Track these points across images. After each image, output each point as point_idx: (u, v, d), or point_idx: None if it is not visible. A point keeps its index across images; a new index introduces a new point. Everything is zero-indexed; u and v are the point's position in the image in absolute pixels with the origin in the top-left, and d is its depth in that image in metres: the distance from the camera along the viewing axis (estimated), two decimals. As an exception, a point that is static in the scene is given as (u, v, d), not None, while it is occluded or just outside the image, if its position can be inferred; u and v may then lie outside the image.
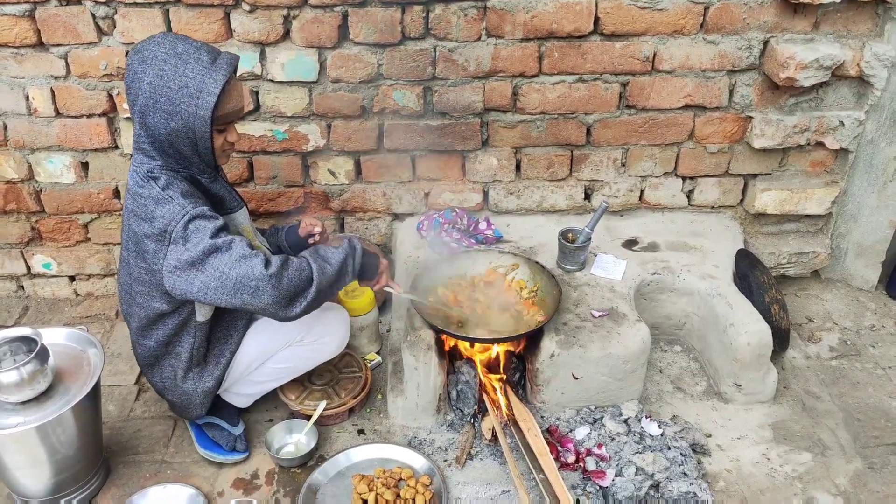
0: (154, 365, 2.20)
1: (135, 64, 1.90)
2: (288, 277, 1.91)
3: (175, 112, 1.88)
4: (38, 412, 1.95)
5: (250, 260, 1.88)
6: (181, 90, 1.87)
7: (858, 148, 2.75)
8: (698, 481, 2.15)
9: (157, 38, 1.93)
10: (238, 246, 1.90)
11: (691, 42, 2.57)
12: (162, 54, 1.88)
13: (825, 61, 2.48)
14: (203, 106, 1.88)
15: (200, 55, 1.90)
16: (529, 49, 2.56)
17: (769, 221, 2.94)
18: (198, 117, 1.89)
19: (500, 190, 2.88)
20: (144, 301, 2.06)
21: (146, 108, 1.90)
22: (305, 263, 1.97)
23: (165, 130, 1.91)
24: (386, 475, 2.20)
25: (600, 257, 2.68)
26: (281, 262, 1.92)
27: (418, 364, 2.31)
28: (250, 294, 1.88)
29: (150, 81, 1.87)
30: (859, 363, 2.68)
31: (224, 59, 1.93)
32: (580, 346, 2.31)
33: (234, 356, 2.21)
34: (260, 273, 1.87)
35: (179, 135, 1.92)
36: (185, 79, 1.87)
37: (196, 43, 1.93)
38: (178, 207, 1.90)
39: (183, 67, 1.87)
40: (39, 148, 2.68)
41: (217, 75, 1.89)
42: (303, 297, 1.95)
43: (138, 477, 2.27)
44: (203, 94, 1.88)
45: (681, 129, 2.75)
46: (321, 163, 2.77)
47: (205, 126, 1.90)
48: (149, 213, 1.92)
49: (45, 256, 2.93)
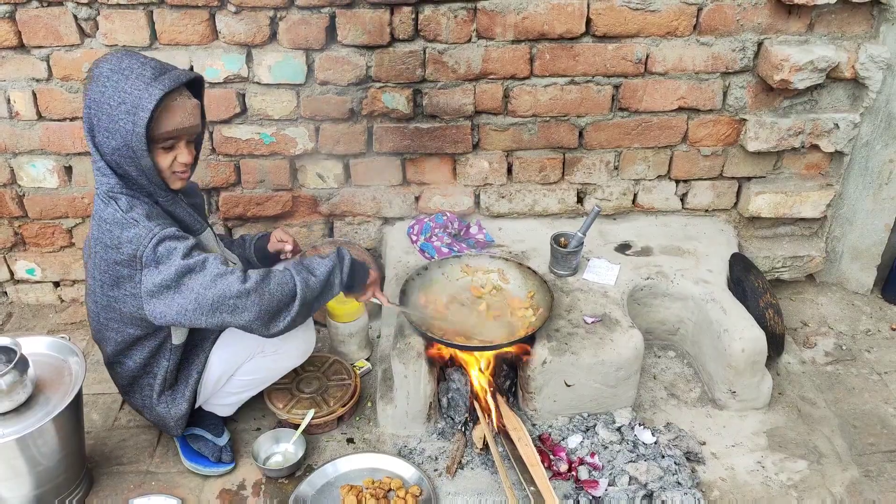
0: (132, 385, 2.16)
1: (86, 81, 1.85)
2: (269, 292, 1.85)
3: (114, 129, 1.81)
4: (18, 423, 1.91)
5: (226, 277, 1.82)
6: (119, 106, 1.80)
7: (853, 151, 2.72)
8: (692, 491, 2.12)
9: (108, 55, 1.87)
10: (212, 264, 1.84)
11: (684, 44, 2.54)
12: (106, 70, 1.82)
13: (820, 63, 2.45)
14: (138, 122, 1.79)
15: (144, 70, 1.82)
16: (521, 51, 2.52)
17: (763, 225, 2.91)
18: (134, 134, 1.80)
19: (492, 193, 2.84)
20: (119, 327, 2.01)
21: (91, 126, 1.85)
22: (288, 276, 1.91)
23: (108, 149, 1.85)
24: (375, 485, 2.16)
25: (593, 262, 2.64)
26: (261, 276, 1.86)
27: (408, 372, 2.27)
28: (230, 313, 1.82)
29: (92, 98, 1.82)
30: (855, 368, 2.66)
31: (171, 76, 1.84)
32: (572, 352, 2.28)
33: (202, 374, 2.16)
34: (238, 290, 1.81)
35: (121, 154, 1.84)
36: (124, 94, 1.80)
37: (149, 61, 1.86)
38: (145, 230, 1.83)
39: (123, 83, 1.80)
40: (22, 152, 2.63)
41: (154, 90, 1.79)
42: (286, 312, 1.90)
43: (122, 488, 2.22)
44: (139, 109, 1.79)
45: (674, 132, 2.72)
46: (309, 166, 2.73)
47: (140, 143, 1.81)
48: (115, 240, 1.85)
49: (28, 262, 2.88)
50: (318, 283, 1.95)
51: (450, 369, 2.42)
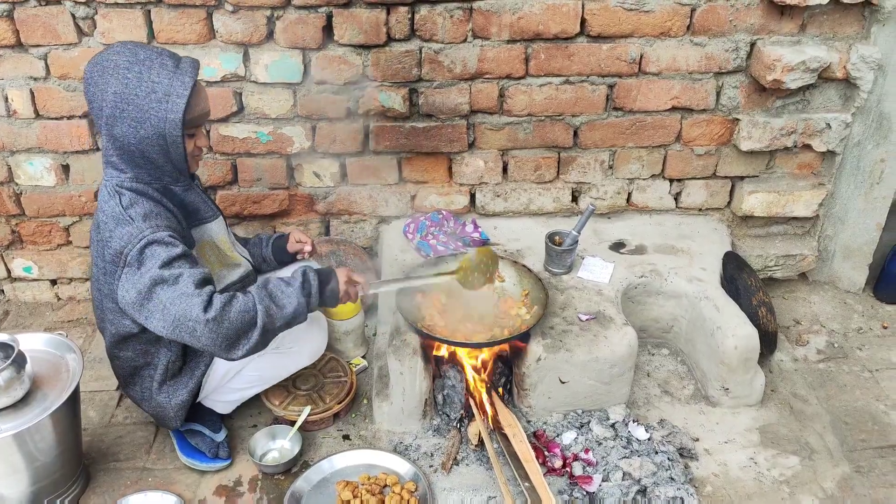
0: (133, 375, 2.17)
1: (95, 76, 1.86)
2: (229, 321, 1.84)
3: (144, 119, 1.85)
4: (16, 419, 1.92)
5: (191, 299, 1.81)
6: (149, 95, 1.84)
7: (845, 150, 2.74)
8: (685, 486, 2.14)
9: (114, 47, 1.90)
10: (184, 281, 1.83)
11: (678, 44, 2.56)
12: (124, 62, 1.85)
13: (812, 63, 2.47)
14: (173, 109, 1.85)
15: (164, 60, 1.88)
16: (516, 51, 2.54)
17: (756, 224, 2.93)
18: (168, 121, 1.86)
19: (487, 192, 2.86)
20: (115, 317, 2.03)
21: (113, 119, 1.86)
22: (251, 305, 1.89)
23: (135, 139, 1.88)
24: (371, 481, 2.18)
25: (587, 260, 2.66)
26: (223, 303, 1.84)
27: (404, 369, 2.28)
28: (189, 334, 1.83)
29: (114, 91, 1.84)
30: (847, 366, 2.68)
31: (187, 63, 1.91)
32: (567, 349, 2.30)
33: (210, 367, 2.18)
34: (197, 315, 1.80)
35: (150, 142, 1.88)
36: (153, 84, 1.84)
37: (156, 49, 1.91)
38: (136, 230, 1.86)
39: (148, 73, 1.84)
40: (19, 150, 2.64)
41: (184, 78, 1.86)
42: (245, 341, 1.88)
43: (119, 484, 2.23)
44: (172, 97, 1.85)
45: (668, 132, 2.74)
46: (306, 165, 2.74)
47: (176, 130, 1.87)
48: (109, 232, 1.89)
49: (25, 260, 2.89)
50: (281, 315, 1.93)
51: (445, 366, 2.43)
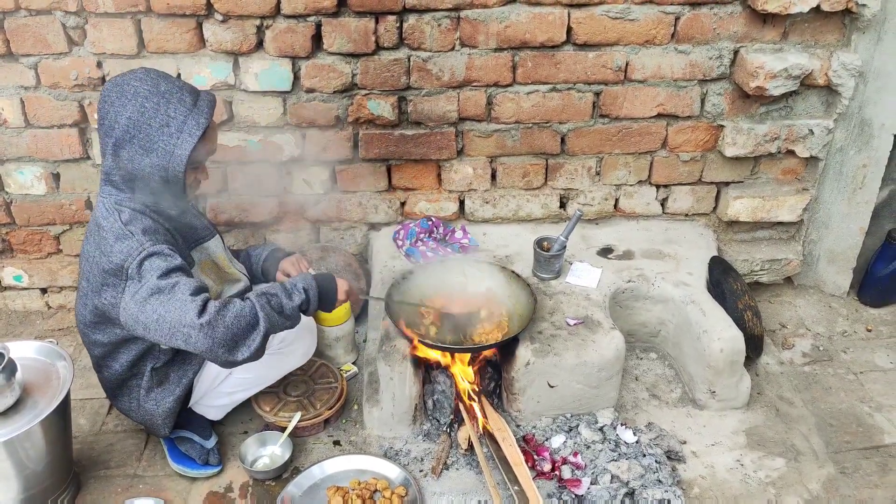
0: (120, 387, 2.19)
1: (113, 96, 1.91)
2: (224, 326, 1.85)
3: (152, 149, 1.90)
4: (6, 427, 1.92)
5: (185, 305, 1.83)
6: (162, 128, 1.90)
7: (828, 156, 2.79)
8: (673, 488, 2.16)
9: (138, 73, 1.95)
10: (180, 289, 1.86)
11: (663, 52, 2.60)
12: (144, 90, 1.90)
13: (794, 70, 2.51)
14: (182, 146, 1.91)
15: (183, 95, 1.93)
16: (503, 59, 2.57)
17: (742, 229, 2.97)
18: (174, 156, 1.91)
19: (476, 199, 2.88)
20: (106, 329, 2.06)
21: (121, 142, 1.91)
22: (248, 310, 1.91)
23: (139, 165, 1.92)
24: (361, 486, 2.19)
25: (575, 266, 2.69)
26: (217, 309, 1.86)
27: (393, 374, 2.30)
28: (184, 340, 1.84)
29: (129, 116, 1.89)
30: (832, 368, 2.71)
31: (205, 101, 1.96)
32: (555, 354, 2.32)
33: (199, 372, 2.19)
34: (191, 321, 1.82)
35: (153, 170, 1.93)
36: (168, 117, 1.89)
37: (178, 82, 1.96)
38: (136, 244, 1.89)
39: (165, 106, 1.90)
40: (9, 159, 2.65)
41: (200, 118, 1.92)
42: (246, 346, 1.90)
43: (110, 492, 2.24)
44: (184, 134, 1.91)
45: (654, 138, 2.77)
46: (296, 172, 2.76)
47: (180, 166, 1.93)
48: (108, 248, 1.92)
49: (15, 269, 2.89)
50: (280, 320, 1.97)
51: (435, 371, 2.45)
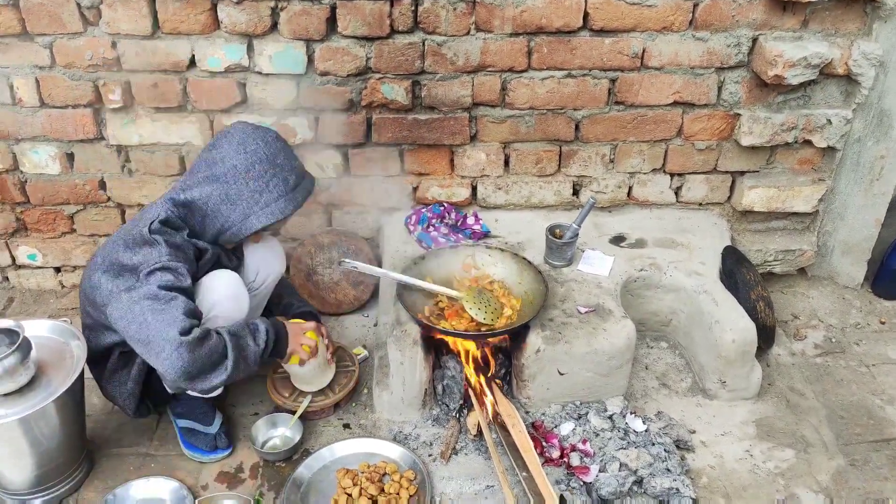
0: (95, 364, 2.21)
1: (234, 140, 1.99)
2: (198, 354, 1.87)
3: (234, 202, 1.99)
4: (21, 404, 1.95)
5: (174, 321, 1.85)
6: (254, 193, 1.98)
7: (846, 146, 2.76)
8: (681, 477, 2.16)
9: (270, 135, 2.05)
10: (175, 305, 1.88)
11: (680, 39, 2.57)
12: (262, 154, 1.99)
13: (813, 59, 2.48)
14: (259, 219, 2.01)
15: (288, 176, 2.03)
16: (518, 44, 2.55)
17: (756, 219, 2.95)
18: (246, 223, 2.01)
19: (489, 185, 2.87)
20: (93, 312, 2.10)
21: (213, 179, 1.98)
22: (222, 348, 1.94)
23: (212, 205, 2.00)
24: (370, 469, 2.20)
25: (587, 253, 2.68)
26: (198, 336, 1.88)
27: (404, 359, 2.31)
28: (155, 353, 1.86)
29: (235, 165, 1.97)
30: (844, 361, 2.70)
31: (303, 190, 2.06)
32: (566, 341, 2.32)
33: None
34: (172, 336, 1.84)
35: (216, 220, 2.01)
36: (265, 188, 1.99)
37: (295, 161, 2.06)
38: (156, 255, 1.94)
39: (269, 178, 1.99)
40: (24, 138, 2.66)
41: (289, 205, 2.03)
42: (204, 381, 1.93)
43: (122, 470, 2.26)
44: (267, 210, 2.01)
45: (669, 126, 2.75)
46: (309, 156, 2.75)
47: (244, 232, 2.04)
48: (135, 244, 1.95)
49: (30, 247, 2.91)
50: (245, 368, 2.00)
51: (445, 357, 2.46)
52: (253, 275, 2.34)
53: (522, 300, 2.45)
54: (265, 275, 2.38)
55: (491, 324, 2.33)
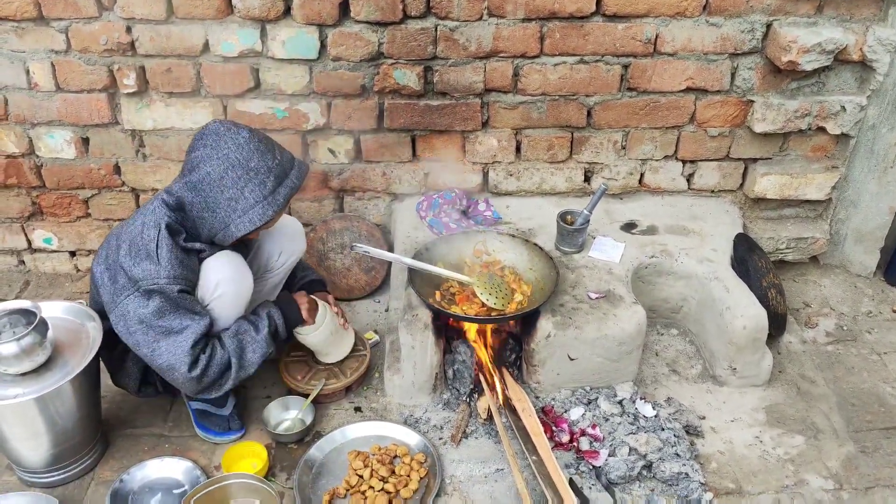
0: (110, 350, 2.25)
1: (208, 142, 1.95)
2: (208, 377, 2.03)
3: (213, 210, 1.97)
4: (37, 384, 1.98)
5: (183, 356, 1.97)
6: (229, 202, 1.95)
7: (859, 133, 2.74)
8: (691, 462, 2.17)
9: (242, 134, 1.97)
10: (186, 336, 1.97)
11: (693, 24, 2.56)
12: (234, 158, 1.93)
13: (828, 45, 2.47)
14: (240, 226, 1.98)
15: (266, 180, 1.96)
16: (531, 29, 2.55)
17: (769, 206, 2.94)
18: (228, 230, 1.99)
19: (500, 171, 2.88)
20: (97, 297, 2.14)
21: (192, 186, 1.97)
22: (227, 358, 2.06)
23: (196, 211, 1.99)
24: (381, 452, 2.22)
25: (599, 240, 2.68)
26: (206, 363, 2.01)
27: (415, 343, 2.32)
28: (169, 378, 2.04)
29: (209, 171, 1.94)
30: (855, 348, 2.69)
31: (284, 192, 1.98)
32: (576, 327, 2.33)
33: None
34: (182, 372, 1.99)
35: (204, 223, 2.00)
36: (239, 195, 1.94)
37: (272, 161, 1.98)
38: (154, 272, 1.95)
39: (244, 184, 1.94)
40: (40, 122, 2.68)
41: (268, 210, 1.97)
42: (217, 387, 2.10)
43: (136, 450, 2.29)
44: (245, 218, 1.96)
45: (682, 113, 2.74)
46: (321, 141, 2.77)
47: (229, 238, 2.01)
48: (136, 255, 1.97)
49: (45, 231, 2.95)
50: (252, 362, 2.11)
51: (456, 342, 2.47)
52: (276, 255, 2.37)
53: (533, 286, 2.46)
54: (288, 254, 2.40)
55: (501, 309, 2.34)
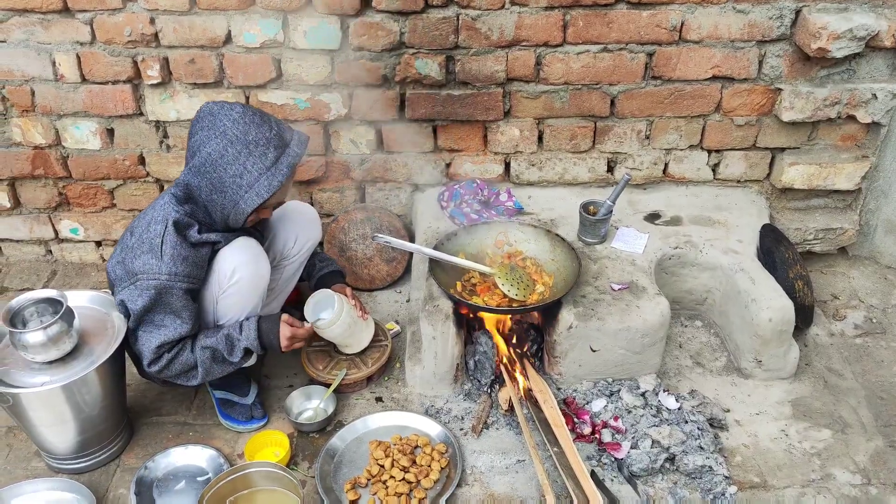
0: None
1: (204, 124, 1.95)
2: (167, 372, 2.10)
3: (220, 191, 1.97)
4: (64, 372, 2.01)
5: (149, 349, 2.04)
6: (234, 178, 1.94)
7: (891, 122, 2.68)
8: (714, 455, 2.15)
9: (236, 110, 1.96)
10: (158, 334, 2.04)
11: (720, 11, 2.51)
12: (232, 134, 1.92)
13: (859, 31, 2.41)
14: (248, 201, 1.97)
15: (267, 151, 1.95)
16: (554, 17, 2.52)
17: (796, 196, 2.89)
18: (238, 207, 1.98)
19: (522, 161, 2.86)
20: None
21: (196, 170, 1.97)
22: (192, 363, 2.11)
23: (206, 196, 2.00)
24: (402, 442, 2.23)
25: (621, 230, 2.65)
26: (167, 363, 2.07)
27: (436, 334, 2.32)
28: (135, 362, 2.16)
29: (209, 152, 1.93)
30: (884, 341, 2.64)
31: (287, 161, 1.98)
32: (598, 318, 2.31)
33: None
34: (143, 366, 2.10)
35: (217, 206, 2.01)
36: (243, 170, 1.94)
37: (270, 132, 1.97)
38: (156, 268, 1.98)
39: (245, 158, 1.93)
40: (66, 114, 2.71)
41: (273, 180, 1.96)
42: (178, 384, 2.18)
43: (161, 438, 2.32)
44: (252, 191, 1.96)
45: (707, 101, 2.70)
46: (343, 132, 2.77)
47: (241, 216, 2.01)
48: (139, 247, 2.00)
49: (72, 221, 2.98)
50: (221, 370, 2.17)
51: (477, 332, 2.46)
52: (292, 242, 2.38)
53: (555, 277, 2.45)
54: (304, 241, 2.41)
55: (523, 300, 2.33)
